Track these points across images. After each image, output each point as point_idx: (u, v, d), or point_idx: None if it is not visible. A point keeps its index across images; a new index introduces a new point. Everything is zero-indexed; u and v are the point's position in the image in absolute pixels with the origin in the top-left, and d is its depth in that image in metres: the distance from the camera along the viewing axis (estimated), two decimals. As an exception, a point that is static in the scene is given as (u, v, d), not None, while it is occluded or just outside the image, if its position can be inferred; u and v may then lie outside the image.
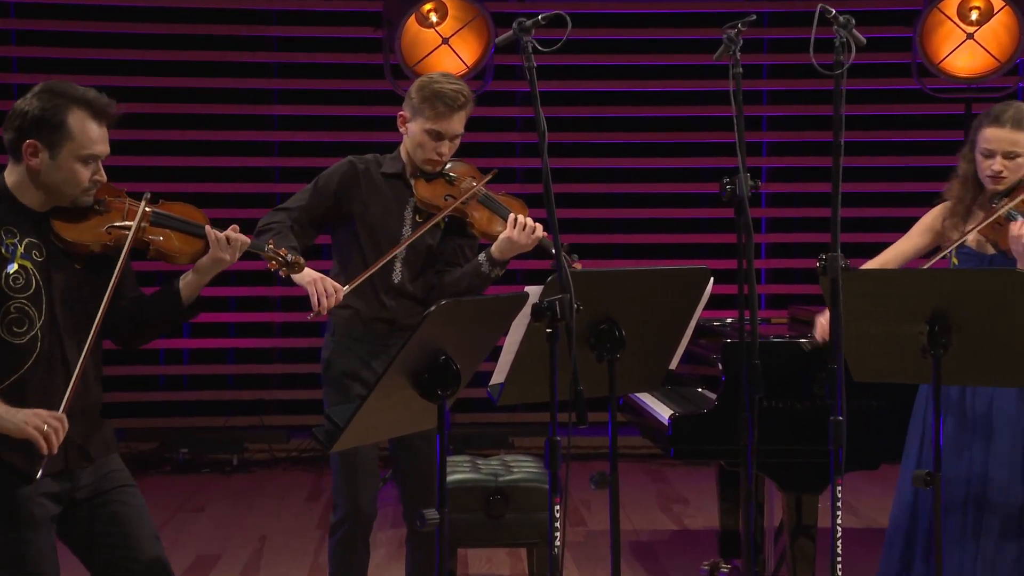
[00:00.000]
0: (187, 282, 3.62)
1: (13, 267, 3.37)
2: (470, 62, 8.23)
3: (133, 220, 3.50)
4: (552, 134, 3.61)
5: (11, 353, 3.38)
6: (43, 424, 3.27)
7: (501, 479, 5.30)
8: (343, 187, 4.47)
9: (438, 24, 8.21)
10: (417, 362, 3.17)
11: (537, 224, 4.35)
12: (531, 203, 4.59)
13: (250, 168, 9.17)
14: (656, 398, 5.18)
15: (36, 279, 3.40)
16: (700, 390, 5.11)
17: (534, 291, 3.37)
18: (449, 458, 5.37)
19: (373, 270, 4.38)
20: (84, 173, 3.42)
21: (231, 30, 9.08)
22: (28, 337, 3.39)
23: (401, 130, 4.51)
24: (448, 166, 4.50)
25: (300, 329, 9.34)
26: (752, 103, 9.22)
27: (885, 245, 4.81)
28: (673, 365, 3.95)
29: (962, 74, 8.34)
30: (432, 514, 3.17)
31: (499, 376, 3.59)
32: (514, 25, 3.44)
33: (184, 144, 8.95)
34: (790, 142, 9.45)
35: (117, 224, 3.51)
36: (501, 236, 4.37)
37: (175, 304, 3.61)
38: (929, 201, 4.29)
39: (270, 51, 9.26)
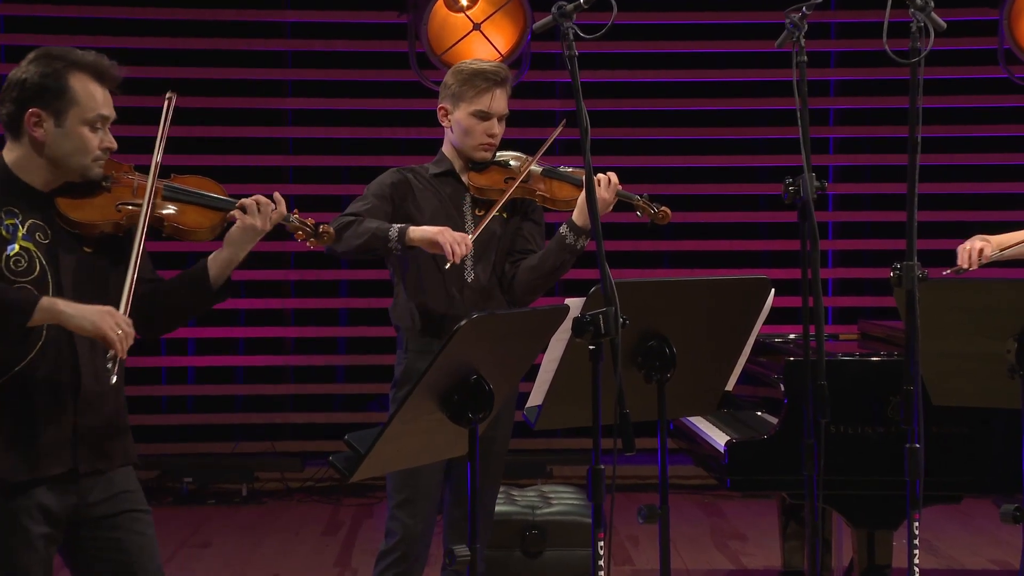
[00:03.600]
0: (216, 258, 3.61)
1: (14, 248, 3.41)
2: (504, 50, 8.26)
3: (143, 196, 3.51)
4: (595, 129, 3.62)
5: (14, 342, 3.39)
6: (116, 325, 3.31)
7: (539, 512, 5.31)
8: (398, 192, 4.62)
9: (469, 8, 8.24)
10: (446, 382, 3.18)
11: (611, 174, 4.54)
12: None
13: (261, 168, 9.22)
14: (711, 423, 5.17)
15: (40, 262, 3.44)
16: (760, 414, 5.10)
17: (575, 303, 3.38)
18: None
19: (489, 217, 4.52)
20: (93, 139, 3.48)
21: (239, 15, 9.13)
22: None
23: (444, 124, 4.67)
24: (496, 154, 4.68)
25: (315, 346, 9.38)
26: (818, 95, 9.21)
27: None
28: (729, 386, 3.95)
29: (1054, 61, 8.31)
30: (463, 551, 3.18)
31: (536, 398, 3.59)
32: (553, 9, 3.44)
33: (186, 141, 8.99)
34: (860, 138, 9.43)
35: (127, 201, 3.53)
36: (581, 198, 4.52)
37: (202, 285, 3.60)
38: (1016, 203, 4.30)
39: (283, 38, 9.31)
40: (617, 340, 3.26)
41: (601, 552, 3.33)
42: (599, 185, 4.48)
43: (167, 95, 3.63)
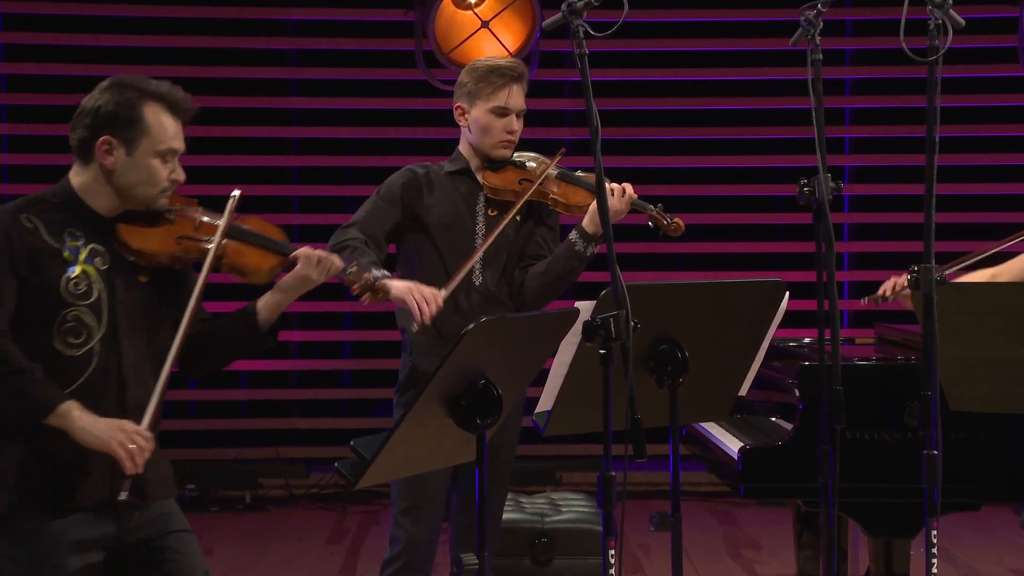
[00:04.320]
0: (266, 302, 3.71)
1: (75, 271, 3.47)
2: (513, 48, 8.26)
3: (211, 233, 3.60)
4: (606, 129, 3.61)
5: (64, 366, 3.44)
6: (128, 440, 3.36)
7: (548, 520, 5.31)
8: (407, 192, 4.62)
9: (477, 5, 8.24)
10: (454, 387, 3.18)
11: (626, 185, 4.52)
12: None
13: (265, 168, 9.23)
14: (724, 428, 5.17)
15: (99, 288, 3.49)
16: (774, 420, 5.10)
17: (585, 306, 3.38)
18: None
19: (468, 266, 4.50)
20: (162, 171, 3.57)
21: (242, 13, 9.14)
22: (84, 350, 3.46)
23: (461, 124, 4.68)
24: (514, 154, 4.68)
25: (320, 350, 9.38)
26: (833, 94, 9.20)
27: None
28: (743, 391, 3.94)
29: (1075, 59, 8.29)
30: (471, 559, 3.18)
31: (546, 403, 3.59)
32: (563, 6, 3.44)
33: (188, 141, 8.95)
34: (877, 138, 9.42)
35: (188, 235, 3.61)
36: (593, 206, 4.51)
37: (252, 327, 3.70)
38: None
39: (287, 36, 9.32)
40: (628, 344, 3.25)
41: (612, 560, 3.32)
42: (612, 195, 4.46)
43: (233, 193, 3.69)
